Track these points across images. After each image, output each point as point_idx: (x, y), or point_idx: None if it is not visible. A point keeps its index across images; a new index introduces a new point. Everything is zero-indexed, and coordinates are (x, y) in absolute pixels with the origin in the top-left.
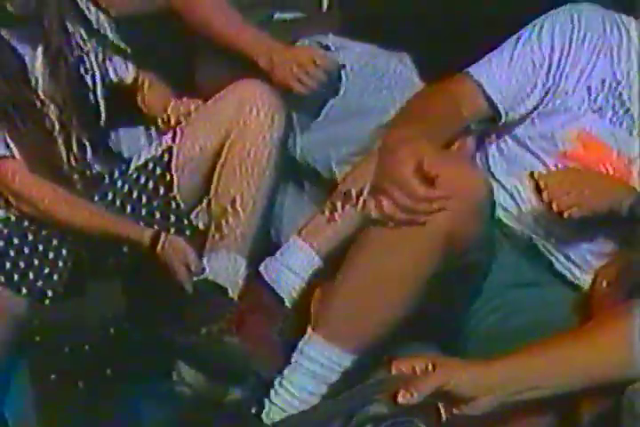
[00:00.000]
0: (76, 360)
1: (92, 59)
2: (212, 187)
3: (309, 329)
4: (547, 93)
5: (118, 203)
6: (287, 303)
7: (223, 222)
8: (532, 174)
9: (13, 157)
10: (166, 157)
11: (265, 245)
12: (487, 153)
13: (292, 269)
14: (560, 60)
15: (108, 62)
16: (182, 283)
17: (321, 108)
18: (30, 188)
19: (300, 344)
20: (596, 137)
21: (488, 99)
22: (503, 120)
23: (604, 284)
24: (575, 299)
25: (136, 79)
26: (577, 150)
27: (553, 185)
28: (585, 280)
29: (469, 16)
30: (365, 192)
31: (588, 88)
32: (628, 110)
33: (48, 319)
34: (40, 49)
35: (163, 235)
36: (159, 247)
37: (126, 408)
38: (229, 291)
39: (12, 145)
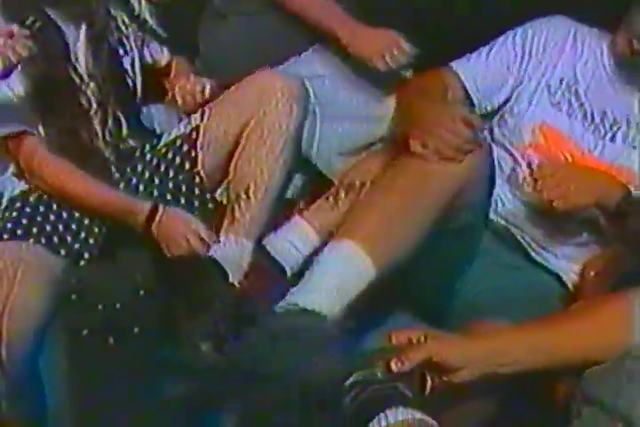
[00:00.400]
0: (108, 318)
1: (132, 41)
2: (230, 172)
3: (339, 237)
4: (514, 89)
5: (147, 175)
6: (289, 274)
7: (236, 208)
8: (529, 165)
9: (33, 133)
10: (194, 135)
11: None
12: None
13: (294, 244)
14: (528, 61)
15: (145, 46)
16: (183, 255)
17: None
18: (46, 164)
19: (329, 247)
20: (554, 128)
21: (464, 88)
22: (477, 110)
23: (592, 274)
24: (552, 283)
25: (169, 63)
26: (539, 142)
27: (545, 177)
28: (560, 268)
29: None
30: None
31: (549, 86)
32: (582, 104)
33: (83, 279)
34: (83, 29)
35: (161, 207)
36: (157, 220)
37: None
38: (230, 276)
39: (38, 122)
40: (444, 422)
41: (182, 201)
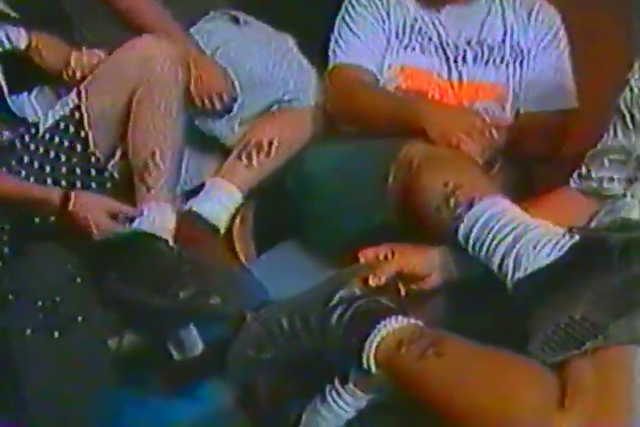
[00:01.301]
0: (49, 313)
1: None
2: (129, 141)
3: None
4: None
5: (37, 165)
6: (221, 231)
7: (146, 175)
8: None
9: None
10: (77, 114)
11: None
12: None
13: (221, 202)
14: (379, 23)
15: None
16: (104, 234)
17: None
18: None
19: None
20: (413, 67)
21: (369, 72)
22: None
23: None
24: None
25: (29, 43)
26: (405, 82)
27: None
28: None
29: None
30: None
31: (396, 33)
32: (430, 39)
33: (15, 279)
34: None
35: (73, 193)
36: (71, 205)
37: None
38: (167, 237)
39: None
40: None
41: (78, 184)
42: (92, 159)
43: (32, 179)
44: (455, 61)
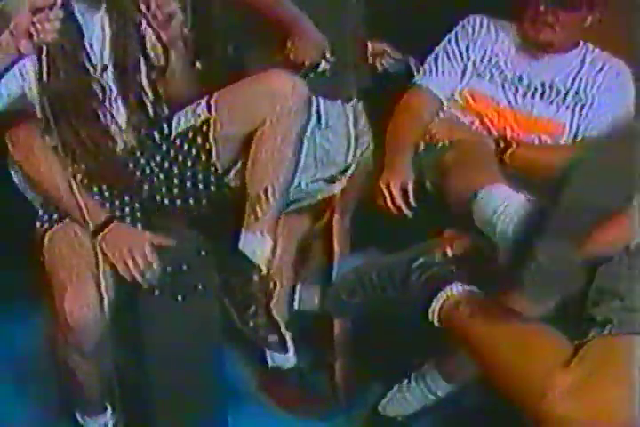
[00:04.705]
0: (176, 278)
1: (148, 22)
2: (247, 170)
3: None
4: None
5: (167, 165)
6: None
7: (257, 207)
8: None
9: (32, 122)
10: (205, 128)
11: None
12: None
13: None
14: (463, 56)
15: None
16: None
17: None
18: (33, 156)
19: None
20: (480, 92)
21: (435, 97)
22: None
23: None
24: None
25: None
26: (469, 104)
27: None
28: None
29: None
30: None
31: (474, 63)
32: (502, 72)
33: None
34: (100, 17)
35: (115, 223)
36: (101, 234)
37: None
38: (261, 265)
39: (36, 104)
40: None
41: (201, 186)
42: (212, 169)
43: (161, 176)
44: (524, 96)
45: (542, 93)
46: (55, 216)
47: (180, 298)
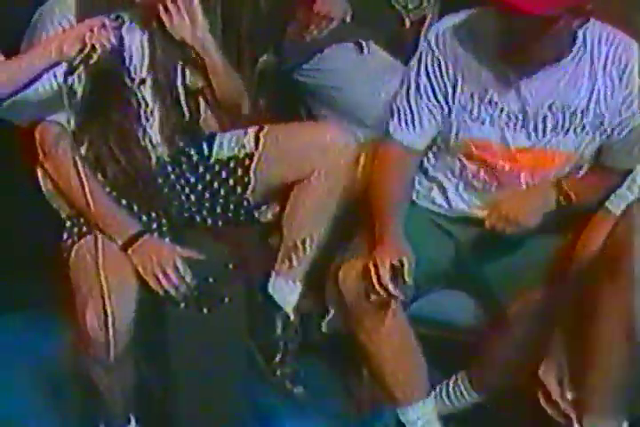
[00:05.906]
0: (202, 291)
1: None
2: (287, 216)
3: None
4: (442, 121)
5: (200, 187)
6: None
7: (293, 255)
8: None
9: (62, 126)
10: (247, 161)
11: None
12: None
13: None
14: (441, 95)
15: None
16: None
17: None
18: (62, 163)
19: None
20: (483, 139)
21: (415, 151)
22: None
23: None
24: None
25: None
26: (473, 152)
27: (491, 215)
28: None
29: None
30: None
31: (464, 106)
32: (502, 110)
33: None
34: (139, 32)
35: (146, 237)
36: (132, 247)
37: None
38: (289, 312)
39: (70, 114)
40: None
41: (230, 215)
42: (245, 202)
43: (192, 197)
44: (535, 129)
45: (556, 122)
46: (84, 229)
47: (205, 311)
